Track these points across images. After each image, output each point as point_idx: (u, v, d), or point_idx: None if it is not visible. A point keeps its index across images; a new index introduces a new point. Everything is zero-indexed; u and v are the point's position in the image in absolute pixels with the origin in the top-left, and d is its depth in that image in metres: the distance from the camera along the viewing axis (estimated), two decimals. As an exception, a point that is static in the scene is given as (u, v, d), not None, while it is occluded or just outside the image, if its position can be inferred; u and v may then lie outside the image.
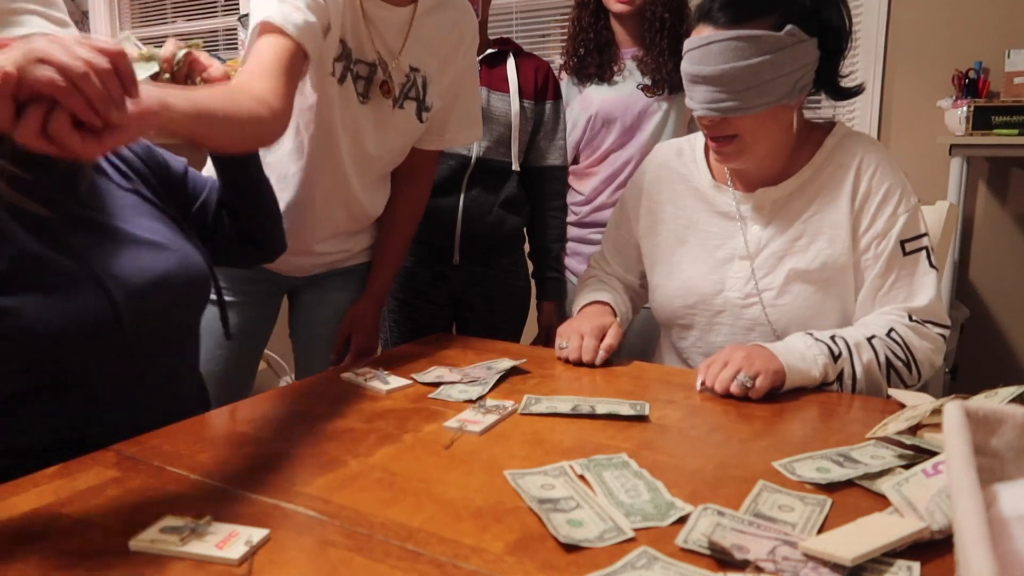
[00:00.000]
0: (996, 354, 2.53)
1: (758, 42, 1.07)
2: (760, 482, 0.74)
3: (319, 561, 0.61)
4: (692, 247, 1.27)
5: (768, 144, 1.16)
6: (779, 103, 1.11)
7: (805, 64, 1.11)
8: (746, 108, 1.10)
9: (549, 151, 1.77)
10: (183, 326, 1.02)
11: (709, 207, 1.26)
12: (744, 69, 1.07)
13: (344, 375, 1.10)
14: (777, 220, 1.20)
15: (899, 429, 0.82)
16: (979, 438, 0.56)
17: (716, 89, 1.10)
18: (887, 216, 1.14)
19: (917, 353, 1.10)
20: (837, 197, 1.17)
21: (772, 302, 1.19)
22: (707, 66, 1.09)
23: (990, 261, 2.51)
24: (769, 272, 1.19)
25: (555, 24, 3.06)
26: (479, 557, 0.61)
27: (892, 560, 0.59)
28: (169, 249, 0.98)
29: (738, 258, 1.22)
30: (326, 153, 1.29)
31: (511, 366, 1.13)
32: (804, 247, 1.18)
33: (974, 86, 2.35)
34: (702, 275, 1.24)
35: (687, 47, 1.13)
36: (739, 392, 1.00)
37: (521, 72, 1.74)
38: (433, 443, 0.86)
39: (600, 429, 0.90)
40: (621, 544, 0.63)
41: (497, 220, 1.72)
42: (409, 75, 1.32)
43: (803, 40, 1.09)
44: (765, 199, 1.21)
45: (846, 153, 1.18)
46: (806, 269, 1.17)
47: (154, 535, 0.64)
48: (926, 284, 1.14)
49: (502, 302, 1.77)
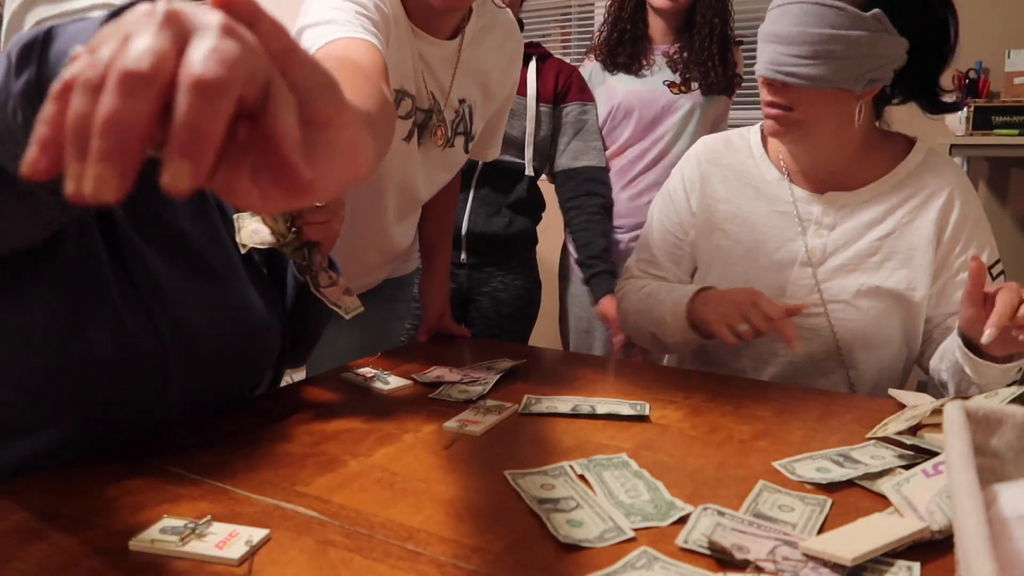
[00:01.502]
0: (996, 354, 2.53)
1: (839, 13, 1.03)
2: (760, 482, 0.74)
3: (319, 561, 0.61)
4: (748, 247, 1.20)
5: (825, 131, 1.12)
6: (843, 85, 1.07)
7: (882, 56, 1.06)
8: (809, 78, 1.06)
9: (584, 152, 1.77)
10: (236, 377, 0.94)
11: (768, 205, 1.20)
12: (818, 36, 1.04)
13: (344, 375, 1.10)
14: (845, 228, 1.16)
15: (899, 429, 0.82)
16: (979, 438, 0.56)
17: (784, 51, 1.06)
18: (977, 243, 1.14)
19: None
20: (920, 219, 1.13)
21: (839, 315, 1.14)
22: (781, 25, 1.06)
23: (990, 261, 2.52)
24: (837, 283, 1.15)
25: (555, 24, 3.06)
26: (479, 557, 0.61)
27: (892, 560, 0.59)
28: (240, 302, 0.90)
29: (799, 263, 1.17)
30: (368, 206, 1.21)
31: (511, 366, 1.13)
32: (877, 264, 1.14)
33: (974, 86, 2.36)
34: (760, 279, 1.17)
35: (772, 7, 1.10)
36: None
37: (541, 76, 1.74)
38: (433, 443, 0.86)
39: (600, 429, 0.90)
40: (621, 544, 0.63)
41: (506, 221, 1.72)
42: (458, 110, 1.23)
43: (888, 31, 1.05)
44: (834, 203, 1.17)
45: (933, 175, 1.15)
46: (878, 286, 1.13)
47: (154, 535, 0.63)
48: None
49: (509, 303, 1.78)
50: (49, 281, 0.75)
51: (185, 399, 0.84)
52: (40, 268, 0.75)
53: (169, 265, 0.85)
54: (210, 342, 0.86)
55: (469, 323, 1.83)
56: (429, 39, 1.13)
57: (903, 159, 1.17)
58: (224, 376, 0.91)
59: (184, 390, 0.84)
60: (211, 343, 0.86)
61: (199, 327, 0.85)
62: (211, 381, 0.89)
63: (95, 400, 0.78)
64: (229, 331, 0.89)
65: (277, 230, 0.89)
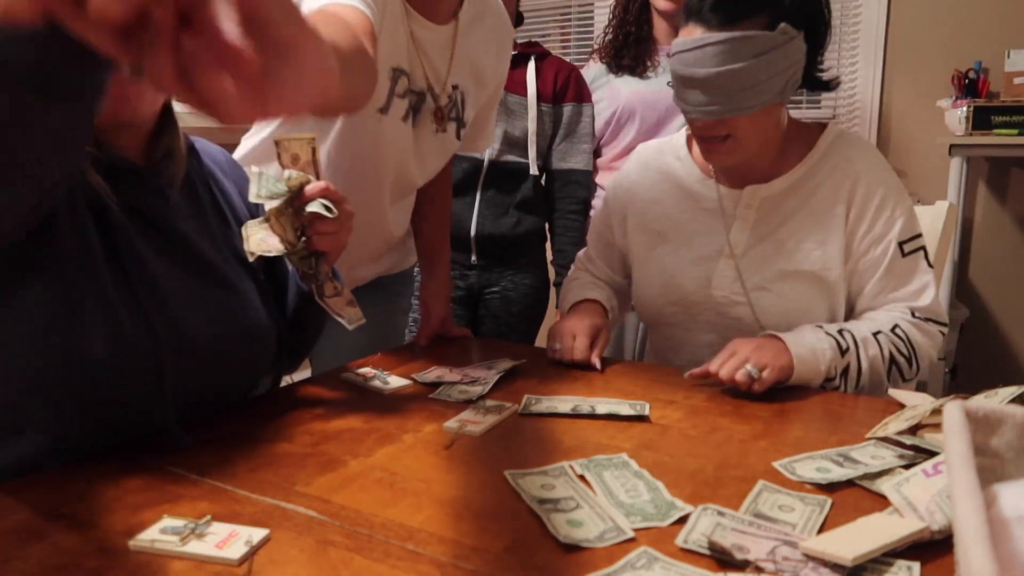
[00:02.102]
0: (996, 354, 2.53)
1: (753, 42, 1.05)
2: (760, 482, 0.74)
3: (319, 561, 0.61)
4: (676, 244, 1.26)
5: (759, 142, 1.16)
6: (772, 102, 1.10)
7: (797, 61, 1.11)
8: (741, 109, 1.09)
9: (570, 154, 1.77)
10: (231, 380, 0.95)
11: (694, 204, 1.25)
12: (740, 71, 1.06)
13: (344, 375, 1.10)
14: (765, 219, 1.19)
15: (899, 429, 0.82)
16: (979, 438, 0.56)
17: (712, 92, 1.08)
18: (884, 219, 1.14)
19: (919, 349, 1.11)
20: (832, 200, 1.16)
21: (759, 302, 1.18)
22: (701, 68, 1.07)
23: (990, 261, 2.52)
24: (756, 272, 1.18)
25: (555, 24, 3.06)
26: (479, 557, 0.61)
27: (892, 560, 0.59)
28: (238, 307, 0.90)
29: (724, 256, 1.21)
30: (367, 190, 1.21)
31: (511, 366, 1.13)
32: (794, 248, 1.17)
33: (974, 86, 2.36)
34: (685, 273, 1.23)
35: (676, 48, 1.11)
36: (744, 381, 0.99)
37: (541, 75, 1.75)
38: (433, 443, 0.86)
39: (600, 429, 0.90)
40: (621, 544, 0.63)
41: (513, 221, 1.73)
42: (452, 95, 1.25)
43: (794, 37, 1.08)
44: (754, 197, 1.20)
45: (841, 156, 1.17)
46: (795, 270, 1.16)
47: (154, 535, 0.63)
48: (927, 284, 1.14)
49: (518, 302, 1.78)
50: (46, 281, 0.75)
51: (181, 400, 0.84)
52: (36, 268, 0.75)
53: (167, 265, 0.85)
54: (207, 343, 0.86)
55: (479, 322, 1.84)
56: (424, 22, 1.14)
57: (815, 145, 1.20)
58: (221, 378, 0.91)
59: (180, 391, 0.83)
60: (208, 345, 0.86)
61: (196, 328, 0.85)
62: (208, 382, 0.90)
63: (92, 400, 0.78)
64: (227, 333, 0.89)
65: (286, 239, 0.89)
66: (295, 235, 0.89)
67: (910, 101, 2.53)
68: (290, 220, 0.88)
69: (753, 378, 0.99)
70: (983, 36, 2.39)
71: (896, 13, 2.52)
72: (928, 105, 2.47)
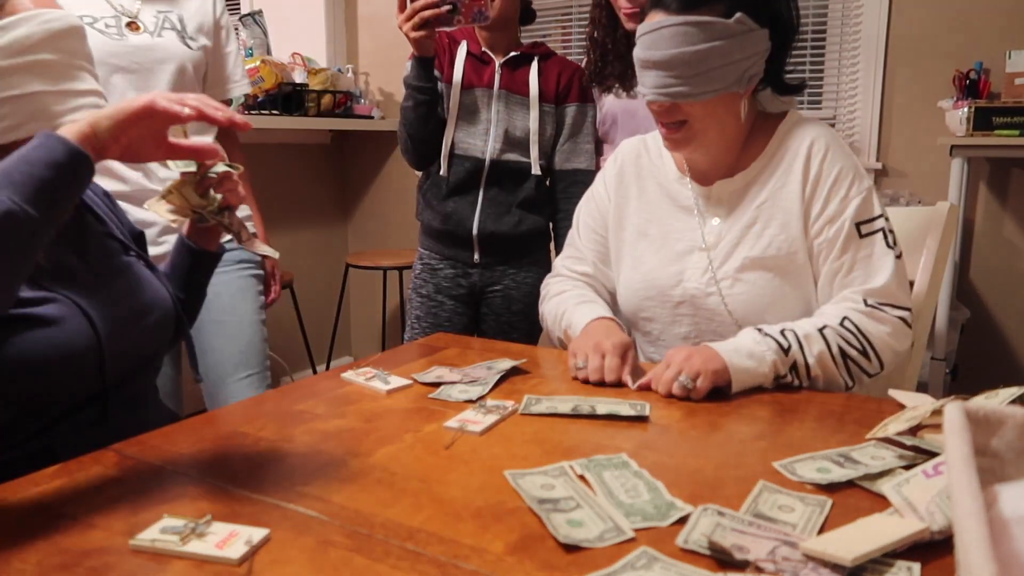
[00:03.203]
0: (996, 355, 2.53)
1: (707, 28, 1.08)
2: (760, 482, 0.74)
3: (319, 561, 0.61)
4: (653, 240, 1.27)
5: (717, 132, 1.17)
6: (728, 91, 1.12)
7: (754, 53, 1.12)
8: (695, 94, 1.11)
9: (574, 154, 1.78)
10: (153, 358, 1.07)
11: (671, 201, 1.27)
12: (693, 54, 1.09)
13: (344, 374, 1.10)
14: (735, 211, 1.22)
15: (899, 430, 0.82)
16: (979, 439, 0.56)
17: (666, 74, 1.11)
18: (839, 199, 1.14)
19: (874, 340, 1.09)
20: (788, 182, 1.18)
21: (729, 291, 1.19)
22: (657, 51, 1.10)
23: (991, 262, 2.51)
24: (725, 261, 1.20)
25: (556, 24, 3.06)
26: (479, 557, 0.61)
27: (892, 561, 0.59)
28: (147, 290, 1.04)
29: (697, 250, 1.23)
30: None
31: (511, 366, 1.13)
32: (758, 234, 1.19)
33: (975, 87, 2.35)
34: (661, 267, 1.25)
35: (639, 32, 1.14)
36: (681, 393, 1.00)
37: (543, 76, 1.75)
38: (433, 443, 0.86)
39: (600, 429, 0.90)
40: (621, 544, 0.63)
41: (515, 220, 1.74)
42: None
43: (752, 29, 1.10)
44: (722, 191, 1.22)
45: (796, 138, 1.19)
46: (760, 256, 1.17)
47: (154, 535, 0.64)
48: (883, 265, 1.12)
49: (520, 300, 1.79)
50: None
51: (113, 368, 0.94)
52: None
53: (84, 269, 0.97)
54: (129, 318, 0.98)
55: (481, 320, 1.84)
56: None
57: (774, 133, 1.21)
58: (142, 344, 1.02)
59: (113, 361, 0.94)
60: (130, 319, 0.99)
61: (119, 310, 0.97)
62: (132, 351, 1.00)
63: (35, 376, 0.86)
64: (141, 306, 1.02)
65: (192, 204, 1.01)
66: (199, 199, 1.02)
67: (911, 102, 2.53)
68: (192, 188, 1.00)
69: (688, 388, 1.00)
70: (984, 37, 2.39)
71: (897, 13, 2.52)
72: (929, 106, 2.47)
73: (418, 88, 1.66)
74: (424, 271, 1.83)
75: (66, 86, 0.91)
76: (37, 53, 0.88)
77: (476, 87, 1.72)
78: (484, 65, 1.73)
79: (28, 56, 0.87)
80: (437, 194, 1.76)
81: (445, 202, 1.75)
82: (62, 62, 0.91)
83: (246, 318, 1.58)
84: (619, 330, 1.21)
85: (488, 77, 1.73)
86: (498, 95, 1.72)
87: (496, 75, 1.73)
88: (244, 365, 1.56)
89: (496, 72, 1.73)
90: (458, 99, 1.72)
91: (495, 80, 1.73)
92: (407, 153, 1.77)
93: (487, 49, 1.74)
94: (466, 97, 1.72)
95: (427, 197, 1.80)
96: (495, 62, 1.73)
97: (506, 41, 1.75)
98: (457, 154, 1.73)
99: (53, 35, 0.90)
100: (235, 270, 1.59)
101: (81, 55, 0.94)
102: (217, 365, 1.55)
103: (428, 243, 1.84)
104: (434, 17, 1.52)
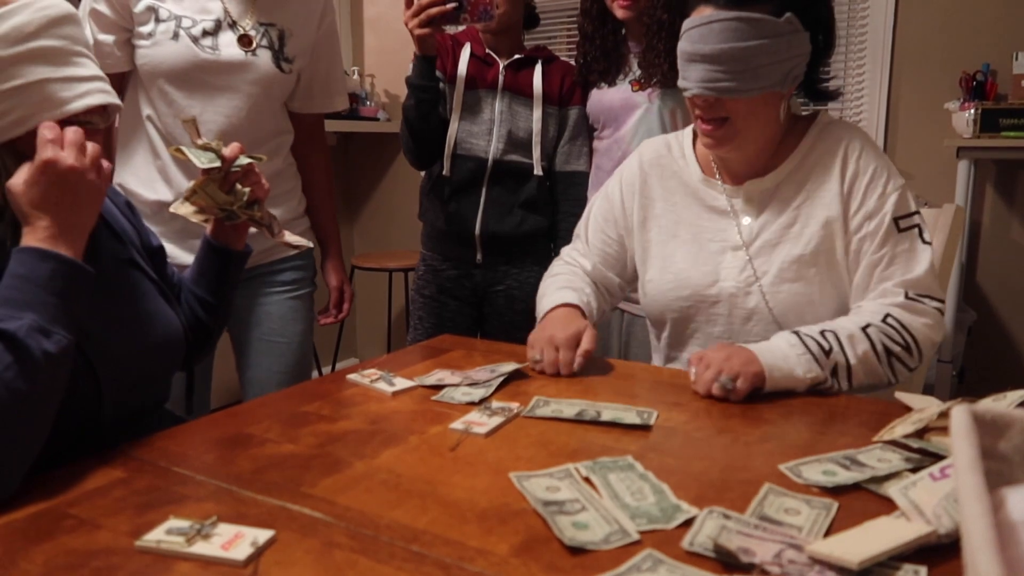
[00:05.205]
0: (1004, 357, 2.52)
1: (758, 25, 1.08)
2: (766, 485, 0.74)
3: (324, 562, 0.61)
4: (684, 241, 1.27)
5: (756, 132, 1.17)
6: (772, 89, 1.12)
7: (798, 55, 1.13)
8: (741, 90, 1.11)
9: (574, 156, 1.78)
10: (156, 386, 1.05)
11: (699, 202, 1.27)
12: (743, 50, 1.09)
13: (350, 376, 1.11)
14: (768, 210, 1.22)
15: (906, 432, 0.82)
16: (987, 442, 0.56)
17: (713, 68, 1.11)
18: (877, 195, 1.15)
19: (916, 334, 1.10)
20: (826, 181, 1.18)
21: (771, 289, 1.19)
22: (706, 44, 1.10)
23: (997, 264, 2.50)
24: (765, 260, 1.20)
25: (561, 27, 3.06)
26: (484, 559, 0.61)
27: (899, 564, 0.59)
28: (154, 316, 1.00)
29: (731, 249, 1.23)
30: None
31: (514, 368, 1.12)
32: (798, 233, 1.19)
33: (981, 88, 2.34)
34: (695, 267, 1.25)
35: (686, 27, 1.14)
36: (720, 394, 1.00)
37: (547, 78, 1.75)
38: (438, 445, 0.86)
39: (606, 431, 0.90)
40: (626, 547, 0.63)
41: (518, 220, 1.74)
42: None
43: (799, 30, 1.11)
44: (754, 190, 1.22)
45: (831, 139, 1.20)
46: (802, 254, 1.18)
47: (160, 536, 0.64)
48: (922, 259, 1.14)
49: (523, 300, 1.79)
50: None
51: (113, 406, 0.92)
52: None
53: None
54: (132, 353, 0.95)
55: (483, 320, 1.85)
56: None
57: (806, 133, 1.22)
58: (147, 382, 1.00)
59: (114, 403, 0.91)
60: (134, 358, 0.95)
61: (120, 348, 0.94)
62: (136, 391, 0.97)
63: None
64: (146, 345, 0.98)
65: (219, 203, 1.00)
66: (225, 196, 1.01)
67: (917, 103, 2.52)
68: (216, 186, 0.99)
69: (728, 389, 1.00)
70: (990, 38, 2.38)
71: (903, 15, 2.51)
72: (935, 107, 2.46)
73: (420, 87, 1.66)
74: (427, 272, 1.83)
75: (70, 72, 0.88)
76: (38, 40, 0.85)
77: (480, 87, 1.73)
78: (488, 66, 1.74)
79: (29, 44, 0.84)
80: (440, 194, 1.77)
81: (448, 202, 1.76)
82: (64, 48, 0.88)
83: (295, 339, 1.58)
84: (578, 318, 1.22)
85: (492, 78, 1.73)
86: (502, 95, 1.73)
87: (500, 76, 1.73)
88: (286, 385, 1.55)
89: (500, 73, 1.73)
90: (461, 97, 1.72)
91: (499, 81, 1.73)
92: (408, 152, 1.77)
93: (491, 51, 1.75)
94: (469, 96, 1.73)
95: (430, 197, 1.80)
96: (499, 64, 1.74)
97: (510, 44, 1.76)
98: (460, 154, 1.73)
99: (51, 21, 0.86)
100: (287, 291, 1.58)
101: (80, 41, 0.91)
102: (259, 381, 1.56)
103: (431, 243, 1.84)
104: (440, 15, 1.53)
